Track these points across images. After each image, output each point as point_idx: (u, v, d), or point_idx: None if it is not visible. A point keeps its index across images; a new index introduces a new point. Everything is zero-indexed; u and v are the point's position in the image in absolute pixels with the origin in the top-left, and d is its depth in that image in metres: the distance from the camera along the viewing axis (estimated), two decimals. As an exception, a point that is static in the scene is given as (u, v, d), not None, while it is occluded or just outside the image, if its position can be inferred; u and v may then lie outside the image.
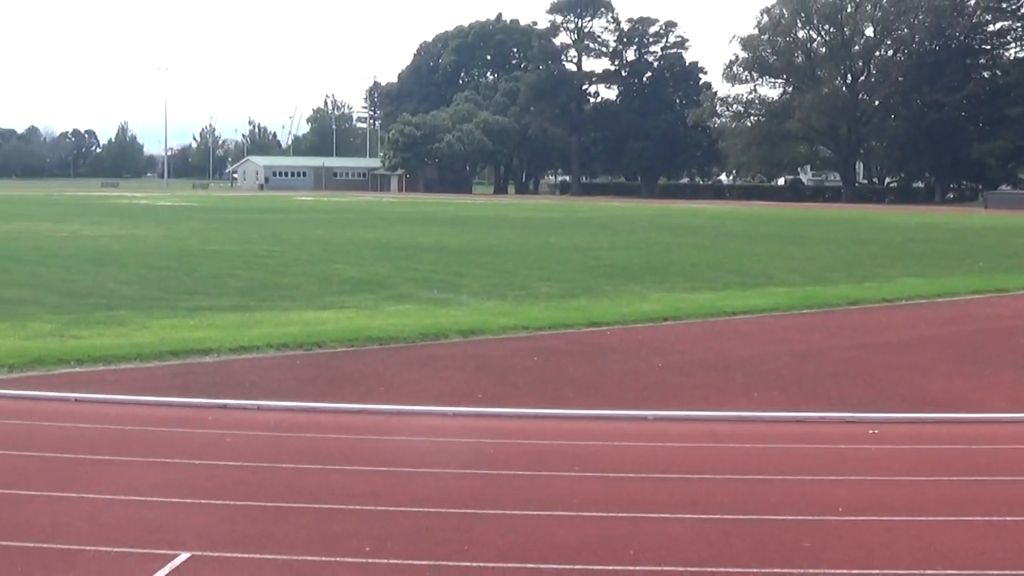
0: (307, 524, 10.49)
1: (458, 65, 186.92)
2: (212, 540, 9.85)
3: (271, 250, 45.13)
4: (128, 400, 16.21)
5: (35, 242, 48.54)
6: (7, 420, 15.06)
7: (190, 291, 29.67)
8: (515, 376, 18.40)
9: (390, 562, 9.28)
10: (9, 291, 29.22)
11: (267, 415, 15.43)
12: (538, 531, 10.23)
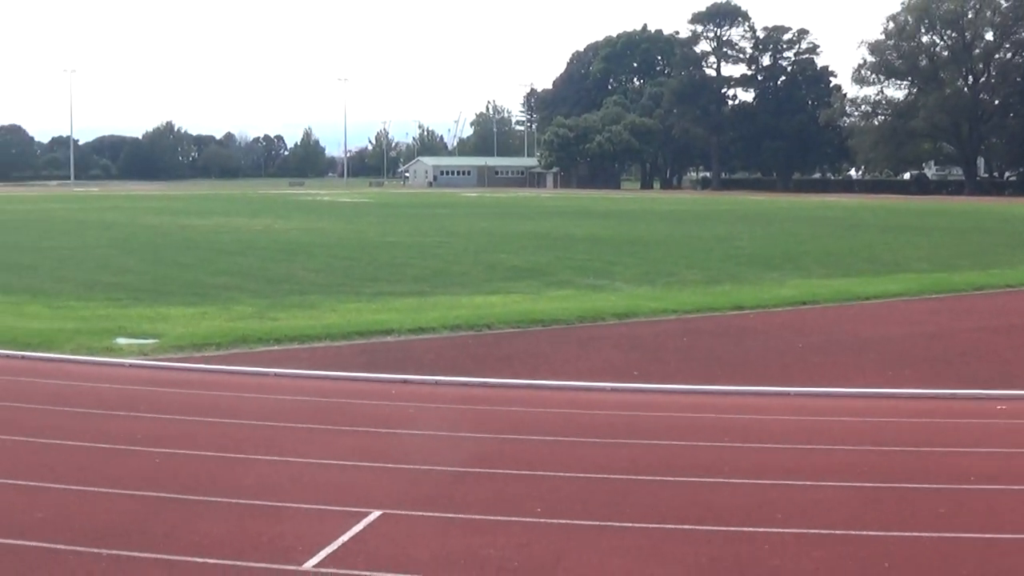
0: (484, 487, 10.61)
1: (607, 72, 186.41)
2: (400, 500, 10.00)
3: (442, 241, 45.35)
4: (321, 375, 16.48)
5: (234, 235, 49.27)
6: (217, 392, 15.38)
7: (372, 278, 30.01)
8: (667, 355, 18.39)
9: (559, 522, 9.36)
10: (215, 278, 29.81)
11: (444, 389, 15.61)
12: (692, 496, 10.26)
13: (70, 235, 49.71)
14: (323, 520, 9.39)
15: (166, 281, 29.18)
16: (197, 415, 13.82)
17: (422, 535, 9.07)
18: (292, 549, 8.59)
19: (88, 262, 35.45)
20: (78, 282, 29.10)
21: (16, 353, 18.29)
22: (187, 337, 19.22)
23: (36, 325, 20.65)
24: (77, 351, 18.30)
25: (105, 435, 12.61)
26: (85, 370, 17.08)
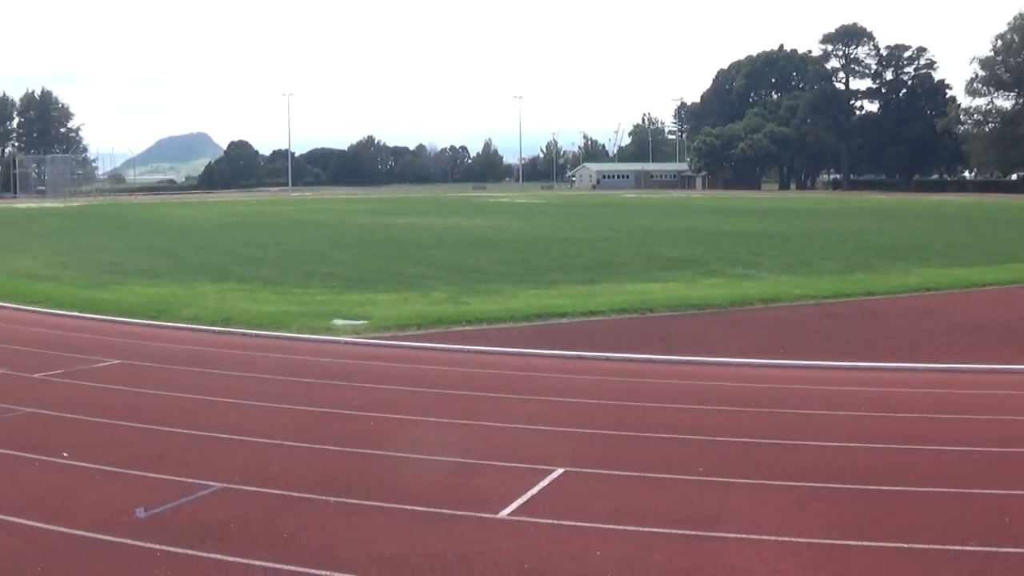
0: (651, 448, 10.61)
1: (748, 87, 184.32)
2: (580, 459, 10.03)
3: (606, 236, 45.25)
4: (505, 351, 16.59)
5: (428, 232, 49.73)
6: (418, 365, 15.56)
7: (547, 268, 30.07)
8: (807, 335, 18.19)
9: (718, 480, 9.32)
10: (414, 269, 30.12)
11: (613, 364, 15.60)
12: (832, 458, 10.13)
13: (291, 233, 50.65)
14: (514, 476, 9.47)
15: (373, 271, 29.62)
16: (401, 385, 14.01)
17: (600, 490, 9.10)
18: (489, 500, 8.69)
19: (307, 256, 36.08)
20: (300, 272, 29.65)
21: (251, 331, 18.75)
22: (392, 319, 19.49)
23: (267, 308, 21.10)
24: (301, 330, 18.68)
25: (327, 401, 12.86)
26: (308, 346, 17.42)
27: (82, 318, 20.99)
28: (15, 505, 8.66)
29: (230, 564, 7.28)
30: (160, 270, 31.19)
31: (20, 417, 12.03)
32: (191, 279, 27.95)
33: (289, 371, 15.02)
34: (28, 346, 17.45)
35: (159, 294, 24.24)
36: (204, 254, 37.75)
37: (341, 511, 8.47)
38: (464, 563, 7.31)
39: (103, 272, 30.63)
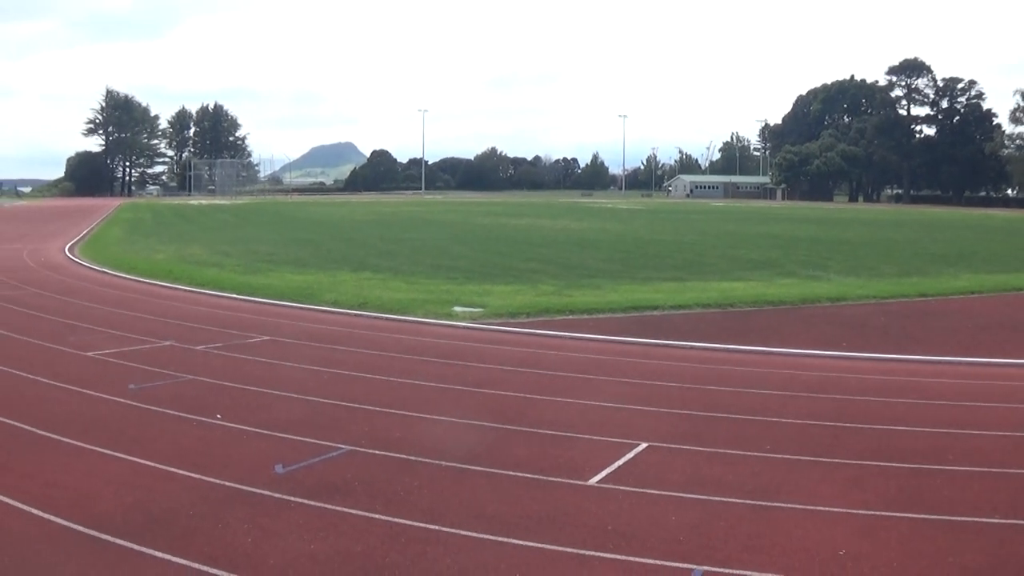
0: (725, 427, 10.48)
1: (823, 111, 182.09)
2: (662, 435, 9.96)
3: (696, 240, 44.85)
4: (603, 339, 16.51)
5: (540, 232, 49.76)
6: (526, 349, 15.55)
7: (642, 266, 29.89)
8: (868, 331, 17.82)
9: (783, 456, 9.20)
10: (526, 264, 30.16)
11: (697, 352, 15.44)
12: (885, 440, 9.92)
13: (421, 230, 51.00)
14: (603, 448, 9.43)
15: (490, 265, 29.69)
16: (511, 365, 14.02)
17: (679, 463, 9.03)
18: (580, 468, 8.68)
19: (434, 250, 36.28)
20: (427, 265, 29.84)
21: (383, 315, 18.89)
22: (505, 307, 19.51)
23: (397, 296, 21.25)
24: (426, 315, 18.78)
25: (446, 378, 12.92)
26: (431, 329, 17.49)
27: (239, 300, 21.35)
28: (175, 458, 8.91)
29: (353, 516, 7.39)
30: (308, 260, 31.61)
31: (183, 383, 12.31)
32: (334, 268, 28.28)
33: (413, 351, 15.11)
34: (193, 322, 17.81)
35: (306, 280, 24.57)
36: (346, 247, 38.16)
37: (451, 474, 8.52)
38: (555, 524, 7.31)
39: (260, 261, 31.14)
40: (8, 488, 7.95)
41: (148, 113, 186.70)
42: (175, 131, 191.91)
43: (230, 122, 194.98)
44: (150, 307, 20.09)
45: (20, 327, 17.07)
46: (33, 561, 6.54)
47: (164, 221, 63.10)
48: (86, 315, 18.78)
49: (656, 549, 6.86)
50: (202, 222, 62.11)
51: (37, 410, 10.81)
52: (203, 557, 6.60)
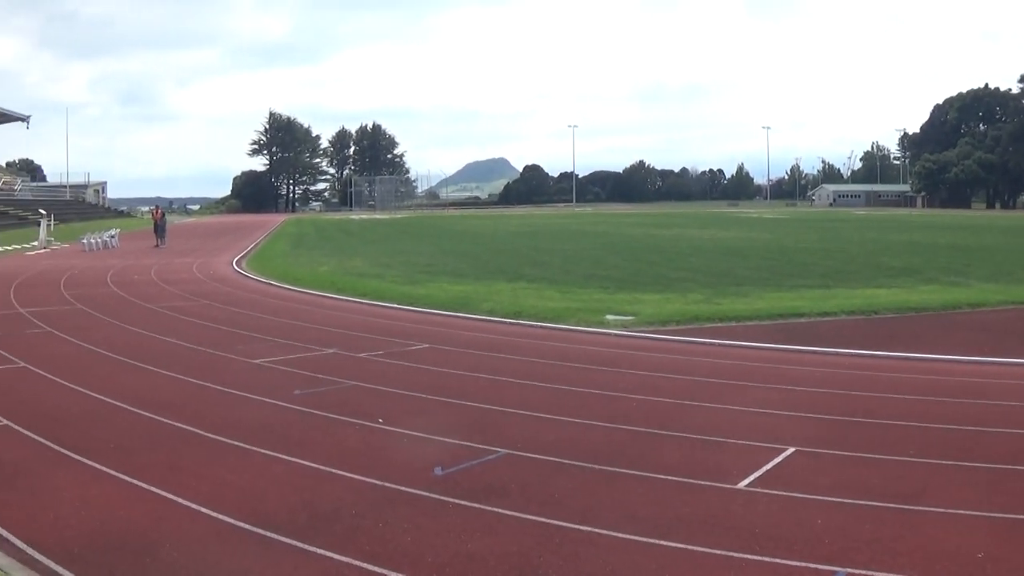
0: (869, 431, 10.19)
1: (959, 120, 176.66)
2: (809, 439, 9.74)
3: (839, 247, 43.82)
4: (751, 345, 16.27)
5: (688, 242, 49.37)
6: (676, 356, 15.43)
7: (788, 274, 29.34)
8: (1008, 336, 17.08)
9: (925, 461, 8.89)
10: (675, 273, 29.94)
11: (842, 358, 15.05)
12: None
13: (573, 241, 51.07)
14: (751, 453, 9.28)
15: (640, 275, 29.55)
16: (662, 372, 13.92)
17: (825, 467, 8.82)
18: (729, 472, 8.55)
19: (586, 260, 36.30)
20: (579, 274, 29.87)
21: (537, 323, 18.96)
22: (655, 316, 19.38)
23: (551, 304, 21.30)
24: (579, 324, 18.77)
25: (598, 384, 12.88)
26: (584, 337, 17.48)
27: (400, 309, 21.66)
28: (338, 459, 9.06)
29: (509, 517, 7.41)
30: (464, 271, 31.93)
31: (347, 389, 12.54)
32: (489, 279, 28.50)
33: (567, 357, 15.12)
34: (356, 331, 18.11)
35: (463, 291, 24.81)
36: (501, 258, 38.44)
37: (603, 477, 8.49)
38: (705, 526, 7.22)
39: (418, 272, 31.57)
40: (180, 488, 8.19)
41: (309, 133, 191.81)
42: (336, 150, 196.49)
43: (388, 140, 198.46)
44: (314, 317, 20.53)
45: (191, 336, 17.55)
46: (202, 557, 6.71)
47: (327, 235, 64.45)
48: (253, 325, 19.23)
49: (801, 552, 6.72)
50: (363, 236, 63.25)
51: (207, 414, 11.07)
52: (364, 555, 6.68)
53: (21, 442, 9.87)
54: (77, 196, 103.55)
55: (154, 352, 15.77)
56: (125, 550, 6.79)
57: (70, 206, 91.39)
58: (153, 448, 9.61)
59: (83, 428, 10.45)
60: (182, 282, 29.70)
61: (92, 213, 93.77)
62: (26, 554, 6.73)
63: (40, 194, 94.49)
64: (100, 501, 7.89)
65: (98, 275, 32.39)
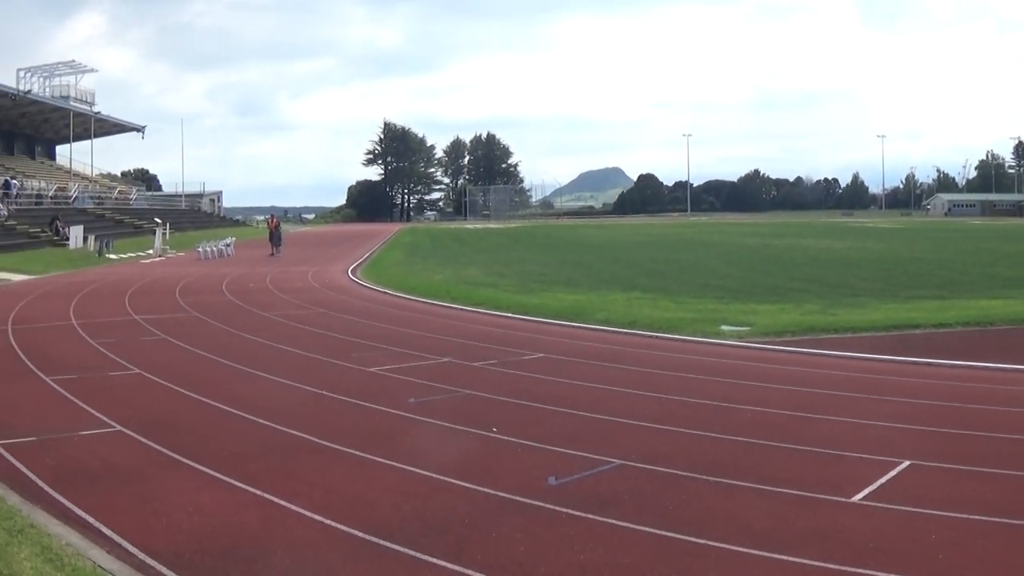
0: (985, 445, 9.86)
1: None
2: (924, 453, 9.48)
3: (954, 258, 42.55)
4: (866, 357, 15.92)
5: (803, 252, 48.53)
6: (791, 367, 15.18)
7: (903, 285, 28.63)
8: None
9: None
10: (789, 283, 29.49)
11: (957, 371, 14.63)
12: None
13: (687, 251, 50.65)
14: (866, 466, 9.06)
15: (755, 285, 29.16)
16: (776, 383, 13.70)
17: (940, 481, 8.56)
18: (844, 485, 8.36)
19: (701, 271, 35.98)
20: (694, 284, 29.62)
21: (651, 333, 18.84)
22: (771, 326, 19.12)
23: (666, 315, 21.16)
24: (694, 334, 18.61)
25: (711, 395, 12.75)
26: (698, 347, 17.32)
27: (514, 318, 21.72)
28: (452, 468, 9.05)
29: (622, 528, 7.34)
30: (579, 280, 31.90)
31: (461, 398, 12.59)
32: (604, 288, 28.42)
33: (682, 368, 15.00)
34: (470, 340, 18.20)
35: (577, 300, 24.76)
36: (615, 268, 38.32)
37: (718, 489, 8.38)
38: (819, 539, 7.07)
39: (532, 281, 31.61)
40: (293, 494, 8.20)
41: (424, 143, 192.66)
42: (450, 159, 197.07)
43: (502, 150, 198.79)
44: (429, 325, 20.67)
45: (306, 344, 17.78)
46: (314, 564, 6.72)
47: (441, 244, 64.93)
48: (368, 333, 19.39)
49: (916, 567, 6.54)
50: (477, 245, 63.57)
51: (322, 422, 11.15)
52: (476, 564, 6.63)
53: (134, 447, 9.96)
54: (192, 205, 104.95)
55: (268, 360, 15.99)
56: (236, 556, 6.82)
57: (185, 215, 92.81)
58: (266, 455, 9.67)
59: (197, 434, 10.54)
60: (297, 290, 30.11)
61: (208, 222, 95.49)
62: (137, 559, 6.77)
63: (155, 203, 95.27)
64: (212, 507, 7.94)
65: (213, 283, 33.02)
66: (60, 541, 6.97)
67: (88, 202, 73.91)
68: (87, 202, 73.73)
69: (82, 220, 59.84)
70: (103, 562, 6.64)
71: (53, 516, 7.68)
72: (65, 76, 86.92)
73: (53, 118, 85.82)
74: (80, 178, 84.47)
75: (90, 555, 6.76)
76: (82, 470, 9.04)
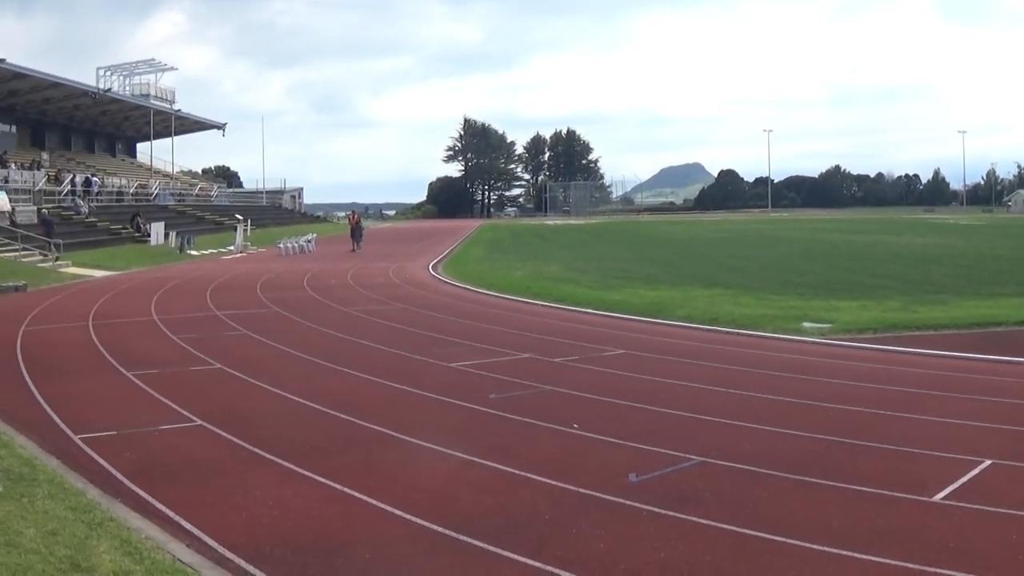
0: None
1: None
2: (1006, 452, 9.30)
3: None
4: (949, 355, 15.63)
5: (885, 248, 47.73)
6: (873, 364, 14.95)
7: (985, 282, 27.92)
8: None
9: None
10: (872, 280, 29.04)
11: (1044, 369, 14.46)
12: None
13: (769, 247, 50.14)
14: (948, 464, 8.92)
15: (836, 282, 28.77)
16: (858, 381, 13.51)
17: (1022, 481, 8.43)
18: (925, 484, 8.24)
19: (781, 267, 35.61)
20: (775, 281, 29.32)
21: (733, 330, 18.72)
22: (852, 323, 18.89)
23: (747, 311, 21.00)
24: (775, 331, 18.47)
25: (793, 392, 12.64)
26: (781, 344, 17.18)
27: (594, 315, 21.72)
28: (533, 464, 9.04)
29: (703, 526, 7.31)
30: (660, 276, 31.75)
31: (542, 394, 12.59)
32: (685, 285, 28.25)
33: (763, 365, 14.88)
34: (551, 336, 18.21)
35: (658, 296, 24.68)
36: (696, 264, 38.08)
37: (798, 487, 8.33)
38: (899, 539, 6.99)
39: (613, 277, 31.55)
40: (375, 490, 8.17)
41: (504, 139, 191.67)
42: (530, 156, 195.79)
43: (583, 146, 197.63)
44: (509, 321, 20.69)
45: (388, 340, 17.77)
46: (395, 559, 6.67)
47: (522, 241, 64.95)
48: (449, 329, 19.39)
49: (996, 568, 6.44)
50: (558, 241, 63.54)
51: (403, 417, 11.11)
52: (557, 560, 6.60)
53: (215, 442, 9.99)
54: (273, 201, 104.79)
55: (350, 355, 16.06)
56: (317, 550, 6.79)
57: (266, 211, 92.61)
58: (348, 449, 9.65)
59: (277, 429, 10.53)
60: (378, 286, 30.17)
61: (288, 218, 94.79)
62: (217, 553, 6.76)
63: (236, 200, 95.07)
64: (293, 501, 7.91)
65: (295, 279, 33.13)
66: (139, 534, 6.98)
67: (169, 199, 74.20)
68: (168, 199, 73.99)
69: (163, 217, 60.18)
70: (182, 556, 6.66)
71: (133, 510, 7.71)
72: (145, 75, 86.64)
73: (133, 116, 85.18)
74: (161, 175, 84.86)
75: (169, 548, 6.78)
76: (162, 464, 9.09)
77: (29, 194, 50.98)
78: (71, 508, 7.22)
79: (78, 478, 8.57)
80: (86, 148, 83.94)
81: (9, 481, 7.86)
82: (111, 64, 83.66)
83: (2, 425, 10.62)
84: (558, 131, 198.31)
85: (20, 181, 52.34)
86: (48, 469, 8.65)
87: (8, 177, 51.35)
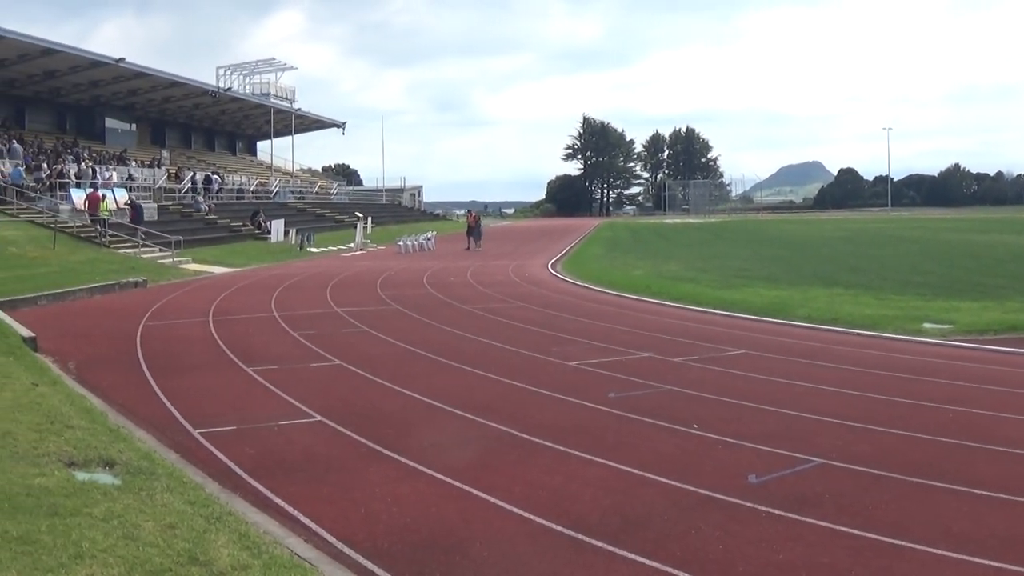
0: None
1: None
2: None
3: None
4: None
5: (1006, 248, 45.71)
6: (992, 366, 14.39)
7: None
8: None
9: None
10: (993, 280, 27.90)
11: None
12: None
13: (889, 247, 48.77)
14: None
15: (957, 282, 27.80)
16: (979, 383, 13.00)
17: None
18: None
19: (901, 267, 34.61)
20: (895, 281, 28.51)
21: (853, 331, 18.27)
22: (973, 324, 18.23)
23: (867, 311, 20.47)
24: (896, 331, 17.96)
25: (913, 394, 12.24)
26: (900, 345, 16.69)
27: (714, 314, 21.36)
28: (651, 464, 8.86)
29: (820, 528, 7.08)
30: (779, 276, 31.13)
31: (661, 393, 12.35)
32: (805, 284, 27.64)
33: (883, 366, 14.43)
34: (670, 335, 17.92)
35: (778, 296, 24.18)
36: (816, 263, 37.28)
37: (918, 490, 8.05)
38: (1020, 544, 6.72)
39: (733, 276, 31.04)
40: (495, 488, 8.02)
41: (623, 138, 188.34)
42: (649, 154, 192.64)
43: (702, 144, 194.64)
44: (629, 320, 20.37)
45: (507, 338, 17.41)
46: (512, 557, 6.55)
47: (641, 239, 64.38)
48: (568, 327, 19.06)
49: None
50: (677, 240, 62.86)
51: (521, 415, 10.87)
52: (674, 560, 6.46)
53: (334, 438, 9.87)
54: (393, 199, 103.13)
55: (469, 353, 15.82)
56: (435, 547, 6.67)
57: (386, 209, 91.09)
58: (466, 447, 9.52)
59: (397, 426, 10.38)
60: (497, 284, 29.72)
61: (408, 216, 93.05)
62: (335, 548, 6.69)
63: (356, 198, 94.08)
64: (411, 498, 7.78)
65: (414, 276, 32.64)
66: (258, 529, 6.86)
67: (289, 197, 74.23)
68: (288, 197, 74.01)
69: (283, 214, 60.07)
70: (300, 550, 6.54)
71: (251, 504, 7.65)
72: (265, 73, 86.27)
73: (253, 115, 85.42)
74: (281, 173, 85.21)
75: (287, 543, 6.67)
76: (282, 459, 9.02)
77: (149, 191, 51.91)
78: (190, 502, 7.17)
79: (197, 472, 8.56)
80: (206, 146, 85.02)
81: (128, 475, 7.77)
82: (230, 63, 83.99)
83: (122, 419, 10.66)
84: (677, 129, 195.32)
85: (140, 178, 53.35)
86: (167, 463, 8.58)
87: (129, 174, 52.56)
